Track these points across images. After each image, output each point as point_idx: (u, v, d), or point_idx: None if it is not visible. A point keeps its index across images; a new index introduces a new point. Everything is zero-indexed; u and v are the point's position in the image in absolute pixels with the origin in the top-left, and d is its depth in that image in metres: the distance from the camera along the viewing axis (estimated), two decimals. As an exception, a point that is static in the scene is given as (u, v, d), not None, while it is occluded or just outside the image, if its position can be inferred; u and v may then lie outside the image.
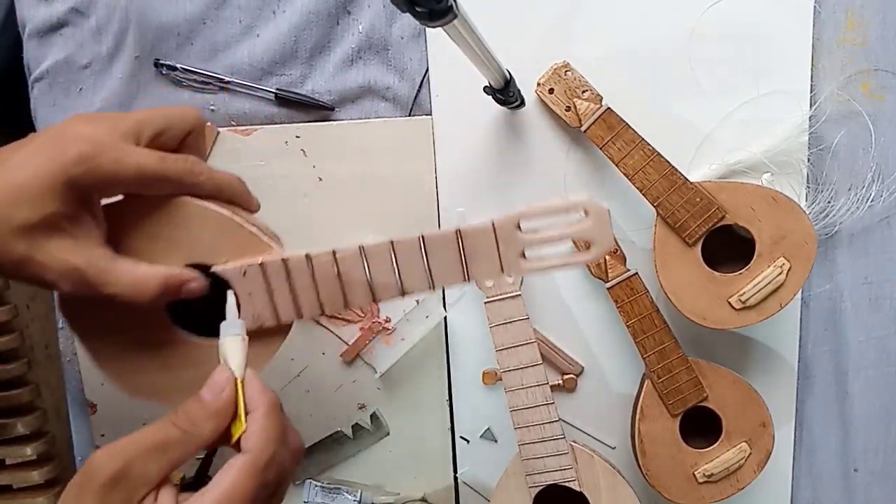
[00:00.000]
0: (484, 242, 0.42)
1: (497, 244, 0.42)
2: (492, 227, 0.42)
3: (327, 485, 0.67)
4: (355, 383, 0.66)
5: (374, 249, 0.42)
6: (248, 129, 0.63)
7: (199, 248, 0.43)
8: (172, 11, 0.61)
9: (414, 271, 0.43)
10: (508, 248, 0.42)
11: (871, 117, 0.61)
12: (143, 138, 0.41)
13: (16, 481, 0.64)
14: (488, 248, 0.42)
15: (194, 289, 0.42)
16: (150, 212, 0.42)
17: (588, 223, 0.41)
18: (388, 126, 0.63)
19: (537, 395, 0.60)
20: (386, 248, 0.42)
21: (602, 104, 0.57)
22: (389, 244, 0.42)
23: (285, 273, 0.43)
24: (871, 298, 0.64)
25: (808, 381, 0.65)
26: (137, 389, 0.45)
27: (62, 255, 0.38)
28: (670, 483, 0.60)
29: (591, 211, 0.41)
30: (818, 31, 0.60)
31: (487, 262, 0.42)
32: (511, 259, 0.42)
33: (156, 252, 0.43)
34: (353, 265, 0.43)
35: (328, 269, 0.43)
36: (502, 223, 0.42)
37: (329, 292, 0.43)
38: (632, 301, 0.59)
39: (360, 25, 0.62)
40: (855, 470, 0.66)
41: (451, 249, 0.42)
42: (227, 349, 0.41)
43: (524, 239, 0.42)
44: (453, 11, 0.33)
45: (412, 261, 0.42)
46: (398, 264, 0.43)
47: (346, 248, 0.42)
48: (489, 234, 0.42)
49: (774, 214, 0.55)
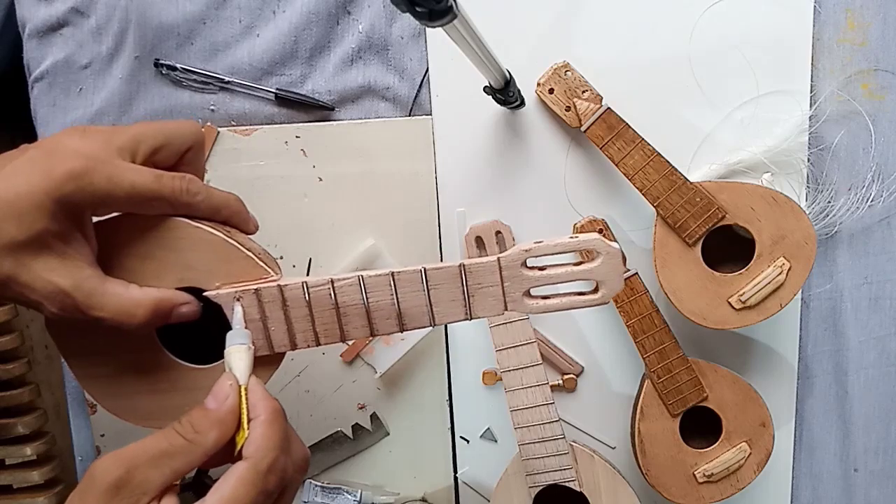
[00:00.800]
0: (488, 280, 0.40)
1: (502, 282, 0.40)
2: (497, 263, 0.40)
3: (327, 485, 0.67)
4: (355, 383, 0.66)
5: (374, 280, 0.41)
6: (248, 129, 0.63)
7: (192, 271, 0.41)
8: (172, 11, 0.61)
9: (414, 305, 0.41)
10: (513, 286, 0.41)
11: (871, 117, 0.61)
12: (140, 155, 0.40)
13: (16, 481, 0.64)
14: (492, 285, 0.41)
15: (186, 313, 0.41)
16: (142, 231, 0.41)
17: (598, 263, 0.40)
18: (388, 126, 0.63)
19: (537, 395, 0.60)
20: (386, 279, 0.41)
21: (602, 104, 0.57)
22: (390, 275, 0.41)
23: (281, 300, 0.41)
24: (871, 298, 0.64)
25: (808, 381, 0.65)
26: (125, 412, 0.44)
27: (48, 275, 0.36)
28: (670, 483, 0.60)
29: (603, 251, 0.40)
30: (818, 31, 0.60)
31: (491, 299, 0.41)
32: (515, 297, 0.41)
33: (147, 273, 0.41)
34: (351, 295, 0.41)
35: (325, 298, 0.41)
36: (508, 260, 0.40)
37: (325, 323, 0.42)
38: (632, 301, 0.59)
39: (360, 25, 0.62)
40: (855, 470, 0.66)
41: (453, 284, 0.41)
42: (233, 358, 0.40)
43: (530, 277, 0.40)
44: (453, 11, 0.33)
45: (413, 294, 0.41)
46: (398, 297, 0.41)
47: (344, 277, 0.41)
48: (494, 271, 0.40)
49: (774, 214, 0.55)
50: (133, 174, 0.38)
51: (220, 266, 0.42)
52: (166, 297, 0.40)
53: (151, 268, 0.41)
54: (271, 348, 0.42)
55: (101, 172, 0.37)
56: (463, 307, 0.41)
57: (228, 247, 0.42)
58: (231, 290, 0.41)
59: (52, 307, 0.37)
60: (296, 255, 0.64)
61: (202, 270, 0.42)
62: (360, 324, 0.42)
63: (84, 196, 0.36)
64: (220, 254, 0.42)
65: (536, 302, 0.41)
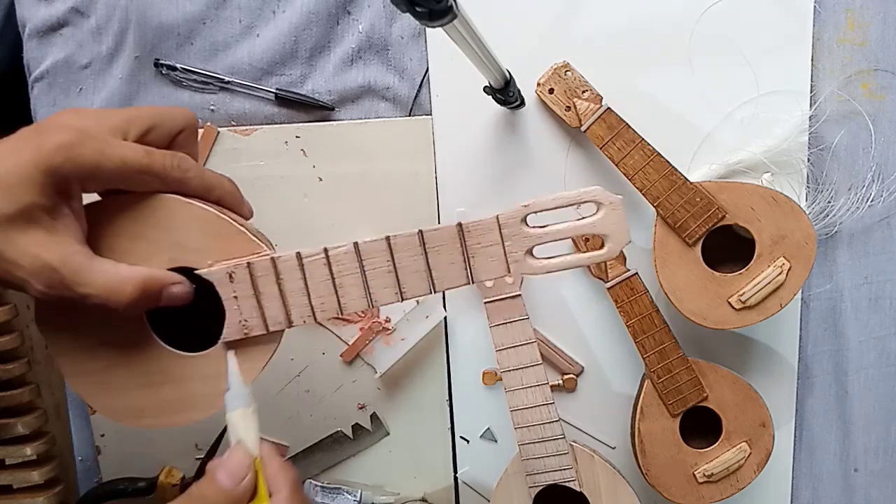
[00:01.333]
0: (488, 239, 0.39)
1: (502, 241, 0.39)
2: (496, 221, 0.38)
3: (327, 485, 0.67)
4: (355, 383, 0.66)
5: (370, 247, 0.39)
6: (248, 129, 0.63)
7: (183, 250, 0.40)
8: (172, 11, 0.61)
9: (413, 271, 0.39)
10: (515, 246, 0.39)
11: (871, 117, 0.61)
12: (131, 135, 0.39)
13: (16, 481, 0.64)
14: (493, 246, 0.39)
15: (177, 293, 0.39)
16: (132, 211, 0.39)
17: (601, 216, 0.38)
18: (388, 126, 0.63)
19: (537, 395, 0.60)
20: (382, 245, 0.39)
21: (602, 104, 0.57)
22: (385, 240, 0.39)
23: (274, 275, 0.40)
24: (871, 298, 0.64)
25: (808, 381, 0.65)
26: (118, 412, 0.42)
27: (36, 250, 0.35)
28: (670, 483, 0.60)
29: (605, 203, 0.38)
30: (818, 31, 0.60)
31: (492, 260, 0.39)
32: (518, 258, 0.39)
33: (137, 253, 0.39)
34: (347, 265, 0.39)
35: (320, 269, 0.39)
36: (507, 217, 0.38)
37: (321, 296, 0.40)
38: (632, 301, 0.59)
39: (360, 25, 0.62)
40: (855, 470, 0.66)
41: (452, 247, 0.39)
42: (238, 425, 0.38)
43: (532, 234, 0.39)
44: (453, 11, 0.33)
45: (411, 260, 0.39)
46: (395, 263, 0.39)
47: (338, 247, 0.39)
48: (494, 230, 0.38)
49: (774, 214, 0.55)
50: (123, 148, 0.38)
51: (212, 243, 0.40)
52: (156, 275, 0.38)
53: (141, 248, 0.39)
54: (266, 327, 0.40)
55: (91, 145, 0.36)
56: (463, 270, 0.39)
57: (221, 222, 0.40)
58: (224, 266, 0.40)
59: (39, 284, 0.36)
60: (296, 255, 0.64)
61: (194, 249, 0.40)
62: (357, 294, 0.40)
63: (73, 167, 0.36)
64: (212, 230, 0.40)
65: (540, 261, 0.39)
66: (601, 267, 0.60)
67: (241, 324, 0.41)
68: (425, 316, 0.64)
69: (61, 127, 0.36)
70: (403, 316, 0.64)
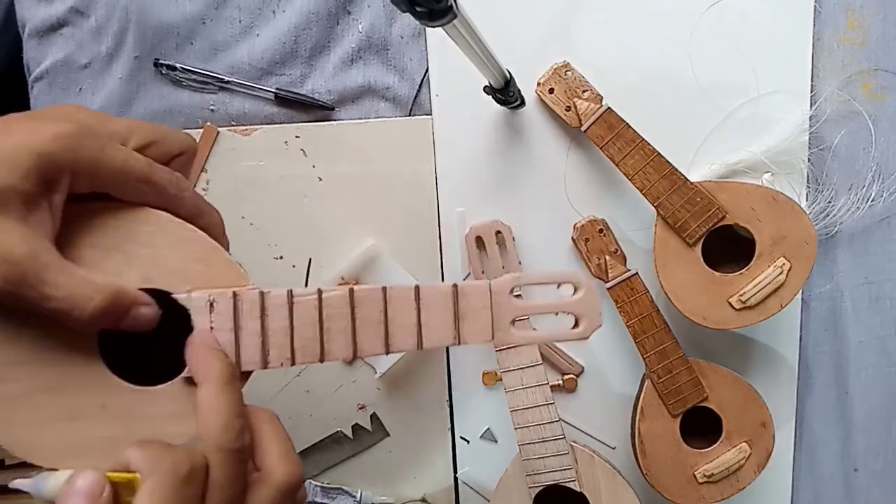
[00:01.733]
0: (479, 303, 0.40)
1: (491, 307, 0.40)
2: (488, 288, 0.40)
3: (327, 485, 0.67)
4: (355, 383, 0.66)
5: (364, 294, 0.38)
6: (247, 129, 0.63)
7: (160, 271, 0.37)
8: (172, 11, 0.61)
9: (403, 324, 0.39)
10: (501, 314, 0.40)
11: (872, 117, 0.61)
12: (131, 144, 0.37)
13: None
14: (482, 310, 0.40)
15: (144, 315, 0.35)
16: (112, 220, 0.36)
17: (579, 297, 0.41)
18: (388, 126, 0.63)
19: (537, 395, 0.60)
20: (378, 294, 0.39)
21: (602, 104, 0.57)
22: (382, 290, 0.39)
23: (260, 310, 0.37)
24: (872, 298, 0.64)
25: (808, 381, 0.65)
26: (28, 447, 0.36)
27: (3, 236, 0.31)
28: (670, 483, 0.60)
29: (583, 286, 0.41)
30: (818, 31, 0.60)
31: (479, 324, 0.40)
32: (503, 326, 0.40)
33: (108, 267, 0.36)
34: (338, 310, 0.38)
35: (310, 311, 0.38)
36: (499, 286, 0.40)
37: (305, 339, 0.38)
38: (632, 301, 0.58)
39: (360, 25, 0.62)
40: (855, 470, 0.66)
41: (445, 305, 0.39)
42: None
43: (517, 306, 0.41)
44: (453, 11, 0.33)
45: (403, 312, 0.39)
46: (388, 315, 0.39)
47: (332, 290, 0.38)
48: (485, 295, 0.40)
49: (775, 214, 0.55)
50: (126, 153, 0.35)
51: (196, 268, 0.37)
52: (128, 291, 0.35)
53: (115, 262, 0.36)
54: (239, 365, 0.37)
55: (94, 142, 0.34)
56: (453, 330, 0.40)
57: (211, 248, 0.37)
58: (205, 293, 0.37)
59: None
60: (296, 255, 0.64)
61: (173, 271, 0.37)
62: (343, 342, 0.38)
63: (70, 159, 0.33)
64: (199, 254, 0.37)
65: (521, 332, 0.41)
66: (601, 267, 0.60)
67: None
68: (425, 316, 0.64)
69: (64, 116, 0.34)
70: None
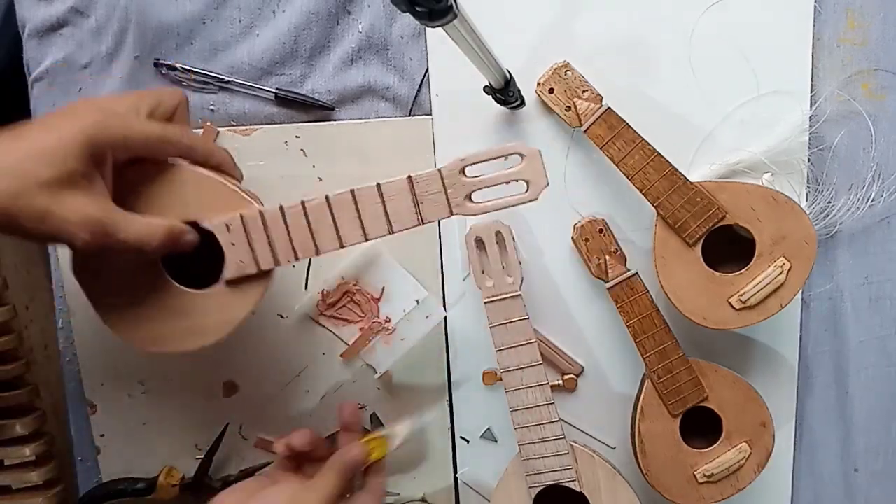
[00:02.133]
0: (433, 187, 0.48)
1: (445, 188, 0.48)
2: (438, 173, 0.48)
3: (327, 485, 0.66)
4: (355, 383, 0.66)
5: (338, 199, 0.49)
6: (247, 129, 0.63)
7: (189, 208, 0.49)
8: (172, 11, 0.61)
9: (375, 216, 0.49)
10: (456, 192, 0.48)
11: (872, 117, 0.61)
12: (141, 114, 0.48)
13: (15, 482, 0.64)
14: (437, 192, 0.48)
15: (190, 241, 0.48)
16: (147, 178, 0.49)
17: (524, 165, 0.48)
18: (388, 126, 0.63)
19: (537, 395, 0.60)
20: (348, 197, 0.48)
21: (602, 104, 0.57)
22: (350, 192, 0.48)
23: (262, 224, 0.49)
24: (872, 298, 0.64)
25: (808, 381, 0.65)
26: (142, 340, 0.51)
27: (80, 207, 0.43)
28: (670, 483, 0.60)
29: (526, 154, 0.48)
30: (818, 31, 0.60)
31: (437, 204, 0.48)
32: (459, 201, 0.48)
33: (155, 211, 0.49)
34: (321, 214, 0.49)
35: (299, 218, 0.49)
36: (448, 169, 0.48)
37: (301, 240, 0.49)
38: (632, 301, 0.58)
39: (360, 25, 0.62)
40: (855, 470, 0.66)
41: (404, 194, 0.48)
42: None
43: (468, 182, 0.48)
44: (453, 11, 0.33)
45: (372, 207, 0.48)
46: (360, 211, 0.49)
47: (313, 199, 0.49)
48: (437, 180, 0.48)
49: (775, 214, 0.55)
50: (143, 123, 0.47)
51: (213, 201, 0.49)
52: (177, 225, 0.48)
53: (156, 208, 0.49)
54: (258, 266, 0.50)
55: (119, 121, 0.45)
56: (414, 214, 0.49)
57: (219, 184, 0.50)
58: (221, 219, 0.49)
59: (85, 234, 0.43)
60: (296, 255, 0.64)
61: (198, 207, 0.49)
62: (330, 236, 0.49)
63: (107, 139, 0.44)
64: (212, 191, 0.50)
65: (477, 204, 0.49)
66: (601, 267, 0.60)
67: (238, 265, 0.50)
68: (425, 316, 0.64)
69: (90, 108, 0.45)
70: (403, 316, 0.64)
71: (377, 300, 0.64)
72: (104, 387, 0.67)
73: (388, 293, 0.64)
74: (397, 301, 0.64)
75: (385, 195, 0.48)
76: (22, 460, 0.64)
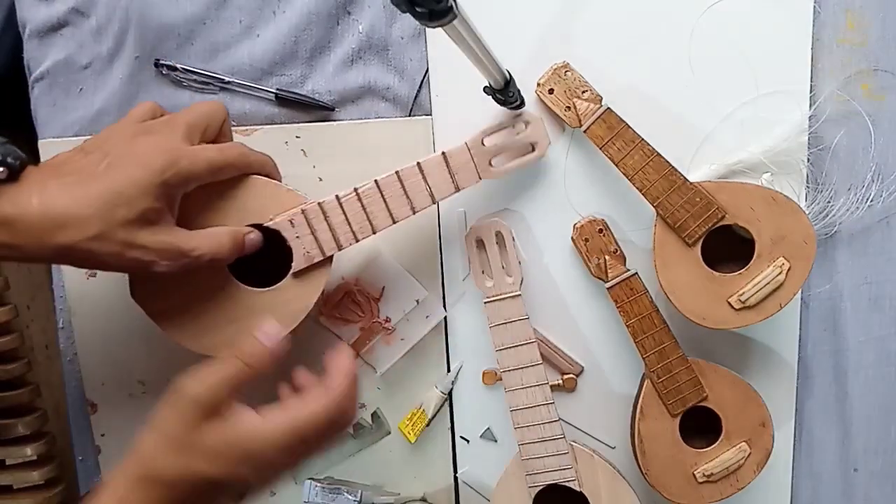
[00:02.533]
0: (463, 158, 0.56)
1: (472, 158, 0.56)
2: (466, 146, 0.56)
3: (327, 485, 0.66)
4: (355, 383, 0.66)
5: (386, 181, 0.55)
6: (248, 129, 0.63)
7: (247, 213, 0.53)
8: (172, 11, 0.62)
9: (419, 191, 0.55)
10: (480, 160, 0.56)
11: (871, 117, 0.61)
12: (195, 138, 0.50)
13: (16, 481, 0.64)
14: (466, 162, 0.56)
15: (254, 240, 0.52)
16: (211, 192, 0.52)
17: (529, 130, 0.57)
18: (388, 126, 0.63)
19: (537, 395, 0.60)
20: (393, 177, 0.55)
21: (602, 104, 0.57)
22: (396, 174, 0.55)
23: (322, 214, 0.54)
24: (871, 298, 0.64)
25: (808, 381, 0.65)
26: (215, 347, 0.53)
27: (157, 237, 0.47)
28: (670, 483, 0.60)
29: (530, 120, 0.57)
30: (818, 31, 0.60)
31: (468, 172, 0.56)
32: (484, 167, 0.56)
33: (219, 222, 0.52)
34: (373, 197, 0.55)
35: (354, 203, 0.54)
36: (472, 141, 0.56)
37: (358, 221, 0.55)
38: (632, 301, 0.59)
39: (360, 25, 0.62)
40: (855, 470, 0.66)
41: (441, 168, 0.55)
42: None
43: (490, 150, 0.56)
44: (453, 11, 0.33)
45: (416, 183, 0.55)
46: (405, 188, 0.55)
47: (364, 185, 0.54)
48: (465, 151, 0.56)
49: (774, 214, 0.55)
50: (205, 153, 0.49)
51: (270, 202, 0.53)
52: (238, 229, 0.52)
53: (222, 217, 0.53)
54: (323, 252, 0.54)
55: (185, 158, 0.48)
56: (451, 183, 0.56)
57: (274, 186, 0.54)
58: (284, 216, 0.54)
59: (165, 260, 0.48)
60: (296, 255, 0.64)
61: (255, 210, 0.53)
62: (383, 216, 0.55)
63: (178, 179, 0.48)
64: (269, 192, 0.54)
65: (498, 168, 0.57)
66: (601, 267, 0.60)
67: (304, 255, 0.54)
68: (425, 316, 0.64)
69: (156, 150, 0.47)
70: (403, 316, 0.64)
71: (377, 300, 0.64)
72: (105, 386, 0.67)
73: (388, 293, 0.64)
74: (397, 301, 0.64)
75: (425, 171, 0.55)
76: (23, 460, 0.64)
